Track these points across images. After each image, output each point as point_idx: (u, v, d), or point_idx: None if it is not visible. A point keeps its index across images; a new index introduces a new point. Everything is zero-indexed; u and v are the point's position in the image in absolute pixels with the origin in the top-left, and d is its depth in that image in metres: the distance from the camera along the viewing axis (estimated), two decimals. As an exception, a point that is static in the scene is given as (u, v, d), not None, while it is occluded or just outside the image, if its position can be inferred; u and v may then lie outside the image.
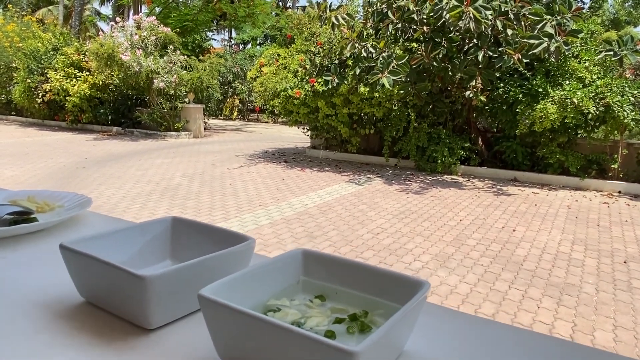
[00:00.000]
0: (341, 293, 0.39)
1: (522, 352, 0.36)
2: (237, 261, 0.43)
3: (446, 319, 0.42)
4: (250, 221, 4.90)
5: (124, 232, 0.46)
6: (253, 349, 0.30)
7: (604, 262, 4.01)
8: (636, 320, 3.07)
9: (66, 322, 0.39)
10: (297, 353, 0.28)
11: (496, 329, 0.40)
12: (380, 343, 0.28)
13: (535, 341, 0.39)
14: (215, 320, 0.32)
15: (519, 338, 0.39)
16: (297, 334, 0.27)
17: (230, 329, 0.31)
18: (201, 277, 0.39)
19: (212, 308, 0.31)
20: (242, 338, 0.31)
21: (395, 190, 6.45)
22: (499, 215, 5.31)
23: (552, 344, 0.38)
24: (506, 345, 0.38)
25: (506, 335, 0.39)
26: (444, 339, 0.38)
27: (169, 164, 8.04)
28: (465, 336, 0.39)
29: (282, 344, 0.28)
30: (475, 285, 3.47)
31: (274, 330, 0.28)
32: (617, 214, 5.52)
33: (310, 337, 0.27)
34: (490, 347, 0.38)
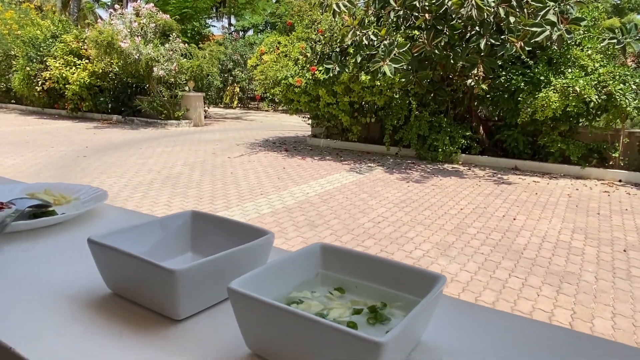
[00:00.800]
0: (359, 286, 0.41)
1: (534, 343, 0.38)
2: (258, 254, 0.45)
3: (461, 311, 0.43)
4: (252, 210, 4.93)
5: (146, 226, 0.48)
6: (280, 339, 0.32)
7: (604, 250, 4.04)
8: (635, 308, 3.10)
9: (96, 313, 0.40)
10: (323, 343, 0.30)
11: (509, 320, 0.42)
12: (403, 334, 0.30)
13: (548, 332, 0.40)
14: (244, 312, 0.34)
15: (531, 329, 0.41)
16: (325, 325, 0.29)
17: (259, 321, 0.33)
18: (225, 270, 0.40)
19: (242, 300, 0.33)
20: (269, 329, 0.32)
21: (396, 179, 6.46)
22: (499, 204, 5.34)
23: (565, 335, 0.40)
24: (518, 336, 0.39)
25: (518, 326, 0.41)
26: (458, 330, 0.40)
27: (170, 152, 8.04)
28: (478, 327, 0.41)
29: (309, 334, 0.30)
30: (475, 274, 3.50)
31: (302, 321, 0.30)
32: (617, 202, 5.54)
33: (337, 329, 0.29)
34: (502, 337, 0.39)
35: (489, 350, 0.37)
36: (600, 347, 0.39)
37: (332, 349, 0.29)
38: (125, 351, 0.35)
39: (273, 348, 0.33)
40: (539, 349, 0.37)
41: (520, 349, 0.37)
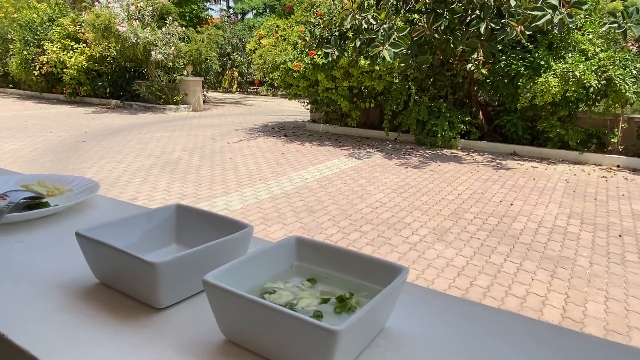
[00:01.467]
0: (330, 277, 0.44)
1: (497, 331, 0.41)
2: (237, 246, 0.47)
3: (425, 299, 0.46)
4: (250, 195, 4.96)
5: (132, 219, 0.50)
6: (251, 327, 0.35)
7: (599, 235, 4.08)
8: (628, 292, 3.15)
9: (83, 302, 0.43)
10: (287, 331, 0.32)
11: (474, 309, 0.45)
12: (360, 322, 0.32)
13: (513, 321, 0.43)
14: (218, 302, 0.36)
15: (495, 318, 0.43)
16: (288, 315, 0.32)
17: (231, 310, 0.35)
18: (205, 262, 0.43)
19: (215, 292, 0.36)
20: (241, 318, 0.35)
21: (395, 165, 6.48)
22: (497, 190, 5.36)
23: (530, 325, 0.42)
24: (482, 325, 0.42)
25: (484, 315, 0.44)
26: (423, 318, 0.43)
27: (169, 137, 8.05)
28: (443, 315, 0.43)
29: (274, 323, 0.33)
30: (471, 259, 3.54)
31: (268, 311, 0.33)
32: (614, 188, 5.56)
33: (299, 318, 0.31)
34: (467, 326, 0.42)
35: (450, 337, 0.40)
36: (566, 336, 0.42)
37: (295, 336, 0.32)
38: (108, 337, 0.38)
39: (245, 335, 0.36)
40: (502, 337, 0.40)
41: (483, 337, 0.40)
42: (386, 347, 0.38)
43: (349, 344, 0.32)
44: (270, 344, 0.34)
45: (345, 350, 0.32)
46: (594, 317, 2.81)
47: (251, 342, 0.36)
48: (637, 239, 4.03)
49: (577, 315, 2.80)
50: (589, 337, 0.40)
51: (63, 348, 0.35)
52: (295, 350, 0.32)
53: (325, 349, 0.30)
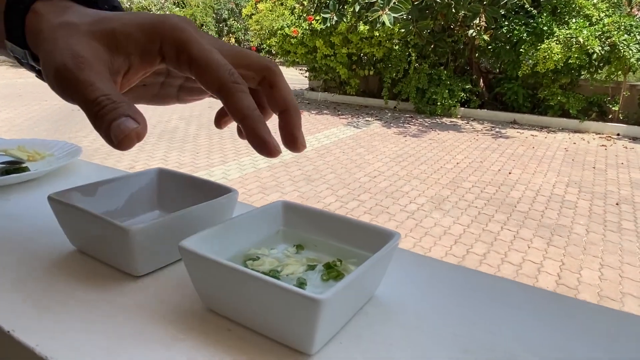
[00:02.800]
0: (319, 243, 0.42)
1: (491, 298, 0.39)
2: (220, 212, 0.45)
3: (418, 265, 0.44)
4: (248, 164, 4.94)
5: (111, 183, 0.48)
6: (230, 295, 0.33)
7: (597, 204, 4.09)
8: (623, 259, 3.17)
9: (58, 270, 0.41)
10: (268, 300, 0.30)
11: (468, 276, 0.43)
12: (346, 291, 0.30)
13: (508, 288, 0.41)
14: (196, 270, 0.34)
15: (489, 284, 0.41)
16: (268, 282, 0.30)
17: (209, 278, 0.33)
18: (185, 228, 0.41)
19: (192, 258, 0.33)
20: (220, 286, 0.33)
21: (394, 134, 6.43)
22: (495, 158, 5.34)
23: (524, 291, 0.41)
24: (476, 292, 0.40)
25: (477, 281, 0.42)
26: (415, 285, 0.41)
27: (165, 106, 7.95)
28: (436, 282, 0.42)
29: (256, 291, 0.31)
30: (468, 227, 3.56)
31: (248, 279, 0.30)
32: (613, 156, 5.55)
33: (280, 286, 0.29)
34: (460, 293, 0.40)
35: (442, 305, 0.38)
36: (563, 302, 0.40)
37: (277, 305, 0.30)
38: (81, 306, 0.36)
39: (225, 304, 0.34)
40: (496, 304, 0.38)
41: (477, 304, 0.38)
42: (375, 316, 0.36)
43: (333, 313, 0.30)
44: (252, 313, 0.32)
45: (330, 319, 0.30)
46: (588, 284, 2.84)
47: (232, 312, 0.34)
48: (634, 207, 4.05)
49: (571, 282, 2.83)
50: (585, 303, 0.38)
51: (32, 318, 0.34)
52: (277, 320, 0.30)
53: (309, 318, 0.28)
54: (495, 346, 0.32)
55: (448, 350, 0.32)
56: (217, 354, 0.30)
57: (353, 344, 0.32)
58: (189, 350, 0.31)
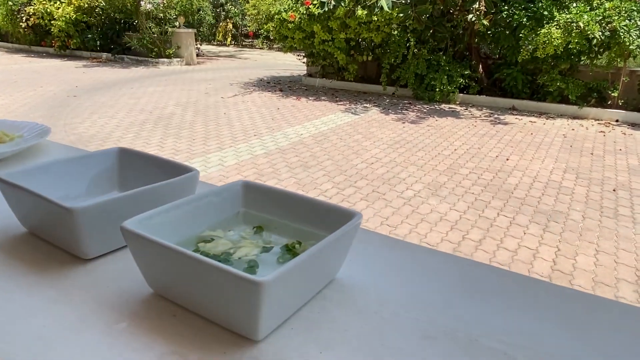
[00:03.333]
0: (279, 224, 0.39)
1: (459, 283, 0.37)
2: (178, 192, 0.42)
3: (385, 247, 0.42)
4: (245, 151, 4.90)
5: (69, 163, 0.45)
6: (175, 279, 0.31)
7: (594, 190, 4.07)
8: (618, 245, 3.16)
9: (6, 252, 0.39)
10: (214, 283, 0.28)
11: (436, 258, 0.41)
12: (293, 273, 0.28)
13: (476, 271, 0.39)
14: (139, 252, 0.32)
15: (457, 267, 0.40)
16: (210, 265, 0.28)
17: (153, 261, 0.31)
18: (139, 209, 0.38)
19: (134, 240, 0.31)
20: (164, 269, 0.31)
21: (392, 120, 6.39)
22: (493, 145, 5.31)
23: (495, 274, 0.39)
24: (444, 275, 0.38)
25: (445, 264, 0.40)
26: (379, 267, 0.39)
27: (162, 92, 7.88)
28: (401, 265, 0.40)
29: (198, 274, 0.29)
30: (464, 213, 3.54)
31: (190, 262, 0.28)
32: (612, 142, 5.51)
33: (221, 269, 0.27)
34: (426, 276, 0.38)
35: (405, 289, 0.36)
36: (532, 285, 0.38)
37: (221, 288, 0.28)
38: (22, 291, 0.34)
39: (170, 288, 0.32)
40: (460, 286, 0.36)
41: (442, 289, 0.36)
42: (333, 300, 0.34)
43: (280, 297, 0.28)
44: (197, 297, 0.30)
45: (276, 303, 0.28)
46: (583, 270, 2.84)
47: (178, 296, 0.32)
48: (631, 194, 4.03)
49: (567, 268, 2.82)
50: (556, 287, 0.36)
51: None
52: (221, 304, 0.28)
53: (251, 302, 0.26)
54: (457, 332, 0.30)
55: (407, 337, 0.30)
56: (158, 340, 0.28)
57: (306, 330, 0.30)
58: (128, 337, 0.29)
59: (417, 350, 0.29)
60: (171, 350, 0.28)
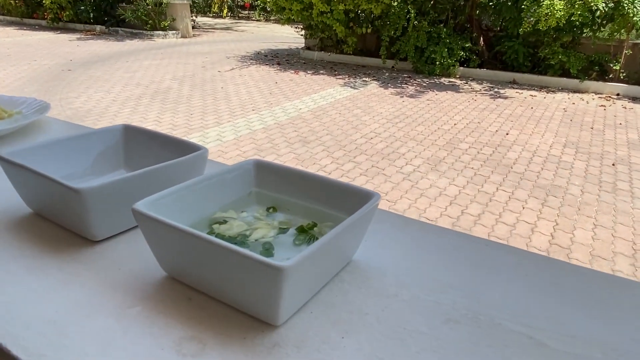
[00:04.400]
0: (293, 205, 0.38)
1: (477, 262, 0.36)
2: (186, 172, 0.41)
3: (401, 228, 0.41)
4: (243, 126, 4.86)
5: (72, 141, 0.44)
6: (191, 263, 0.30)
7: (593, 164, 4.07)
8: (616, 219, 3.18)
9: (13, 234, 0.38)
10: (231, 268, 0.27)
11: (453, 239, 0.40)
12: (314, 257, 0.27)
13: (495, 251, 0.38)
14: (152, 234, 0.31)
15: (476, 247, 0.39)
16: (228, 249, 0.26)
17: (167, 244, 0.30)
18: (148, 189, 0.37)
19: (147, 222, 0.30)
20: (179, 253, 0.30)
21: (391, 94, 6.32)
22: (493, 119, 5.28)
23: (514, 254, 0.38)
24: (461, 255, 0.38)
25: (463, 244, 0.39)
26: (396, 249, 0.38)
27: (158, 65, 7.76)
28: (419, 245, 0.39)
29: (216, 258, 0.28)
30: (464, 188, 3.55)
31: (206, 245, 0.27)
32: (612, 117, 5.48)
33: (240, 253, 0.26)
34: (444, 257, 0.37)
35: (423, 270, 0.35)
36: (552, 265, 0.37)
37: (239, 273, 0.27)
38: (31, 274, 0.33)
39: (185, 271, 0.31)
40: (480, 267, 0.36)
41: (461, 269, 0.35)
42: (351, 283, 0.33)
43: (301, 281, 0.27)
44: (213, 281, 0.29)
45: (297, 288, 0.27)
46: (581, 244, 2.86)
47: (192, 279, 0.31)
48: (630, 168, 4.03)
49: (564, 242, 2.84)
50: (578, 267, 0.36)
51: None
52: (240, 289, 0.28)
53: (273, 287, 0.26)
54: (479, 315, 0.29)
55: (429, 320, 0.29)
56: (174, 325, 0.27)
57: (325, 314, 0.29)
58: (143, 321, 0.28)
59: (440, 334, 0.28)
60: (189, 335, 0.27)
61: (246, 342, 0.27)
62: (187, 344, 0.27)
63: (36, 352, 0.25)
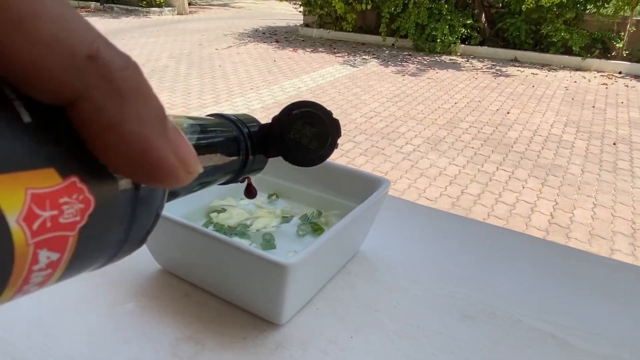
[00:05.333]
0: (296, 191, 0.36)
1: (495, 252, 0.34)
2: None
3: (410, 215, 0.39)
4: (241, 105, 4.80)
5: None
6: (187, 257, 0.27)
7: (594, 144, 4.04)
8: (616, 199, 3.17)
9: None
10: (231, 263, 0.25)
11: (467, 226, 0.38)
12: (321, 252, 0.25)
13: (513, 241, 0.36)
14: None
15: (493, 236, 0.37)
16: (228, 244, 0.24)
17: (160, 236, 0.28)
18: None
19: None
20: (174, 246, 0.28)
21: (391, 72, 6.24)
22: (494, 98, 5.22)
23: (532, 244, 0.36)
24: (476, 244, 0.35)
25: (479, 232, 0.37)
26: (405, 238, 0.36)
27: (154, 43, 7.63)
28: (430, 234, 0.36)
29: (214, 253, 0.25)
30: (464, 167, 3.52)
31: (203, 238, 0.25)
32: (614, 95, 5.43)
33: (241, 248, 0.24)
34: (458, 246, 0.35)
35: (434, 261, 0.33)
36: (574, 256, 0.35)
37: (239, 269, 0.25)
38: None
39: (182, 265, 0.29)
40: (498, 258, 0.34)
41: (475, 260, 0.33)
42: (359, 275, 0.31)
43: (306, 277, 0.25)
44: (213, 277, 0.27)
45: (302, 285, 0.25)
46: (580, 223, 2.85)
47: (190, 274, 0.29)
48: (630, 147, 4.01)
49: (564, 222, 2.84)
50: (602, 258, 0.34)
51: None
52: (240, 286, 0.25)
53: (276, 285, 0.23)
54: (497, 310, 0.27)
55: (444, 317, 0.27)
56: (170, 324, 0.25)
57: (333, 310, 0.27)
58: (136, 320, 0.26)
59: (457, 333, 0.26)
60: (186, 335, 0.25)
61: (247, 342, 0.25)
62: (184, 345, 0.24)
63: (19, 357, 0.23)
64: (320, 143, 0.25)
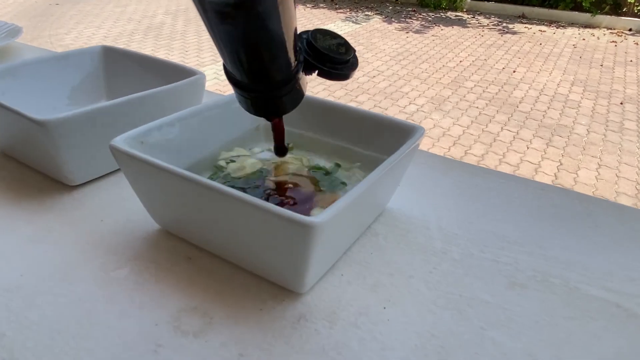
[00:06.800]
0: (311, 140, 0.31)
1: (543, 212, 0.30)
2: (180, 102, 0.33)
3: (441, 170, 0.35)
4: (239, 63, 4.68)
5: (41, 65, 0.36)
6: (187, 213, 0.23)
7: (601, 103, 3.97)
8: (621, 159, 3.14)
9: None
10: (243, 223, 0.21)
11: (508, 183, 0.34)
12: (348, 210, 0.21)
13: (546, 194, 0.32)
14: (137, 180, 0.24)
15: (525, 190, 0.32)
16: (238, 198, 0.20)
17: (156, 190, 0.23)
18: (131, 123, 0.30)
19: (128, 162, 0.23)
20: (172, 201, 0.23)
21: (395, 29, 6.05)
22: (500, 56, 5.09)
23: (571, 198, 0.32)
24: (520, 203, 0.31)
25: (521, 191, 0.32)
26: (438, 194, 0.32)
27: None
28: (466, 191, 0.32)
29: (225, 212, 0.21)
30: (468, 128, 3.47)
31: (207, 192, 0.21)
32: (623, 53, 5.29)
33: (257, 205, 0.19)
34: (498, 205, 0.31)
35: (476, 220, 0.29)
36: (611, 210, 0.31)
37: (256, 229, 0.21)
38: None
39: (184, 224, 0.25)
40: (546, 219, 0.30)
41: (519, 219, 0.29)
42: (387, 237, 0.27)
43: (331, 239, 0.21)
44: (222, 238, 0.23)
45: (326, 246, 0.21)
46: (584, 184, 2.83)
47: (194, 234, 0.25)
48: (638, 107, 3.94)
49: (567, 182, 2.81)
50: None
51: None
52: (256, 248, 0.21)
53: (299, 247, 0.19)
54: (550, 277, 0.24)
55: (489, 285, 0.23)
56: (171, 293, 0.21)
57: (360, 277, 0.23)
58: (132, 288, 0.22)
59: (506, 303, 0.23)
60: (190, 306, 0.21)
61: (263, 315, 0.21)
62: (188, 317, 0.21)
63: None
64: (347, 49, 0.25)
